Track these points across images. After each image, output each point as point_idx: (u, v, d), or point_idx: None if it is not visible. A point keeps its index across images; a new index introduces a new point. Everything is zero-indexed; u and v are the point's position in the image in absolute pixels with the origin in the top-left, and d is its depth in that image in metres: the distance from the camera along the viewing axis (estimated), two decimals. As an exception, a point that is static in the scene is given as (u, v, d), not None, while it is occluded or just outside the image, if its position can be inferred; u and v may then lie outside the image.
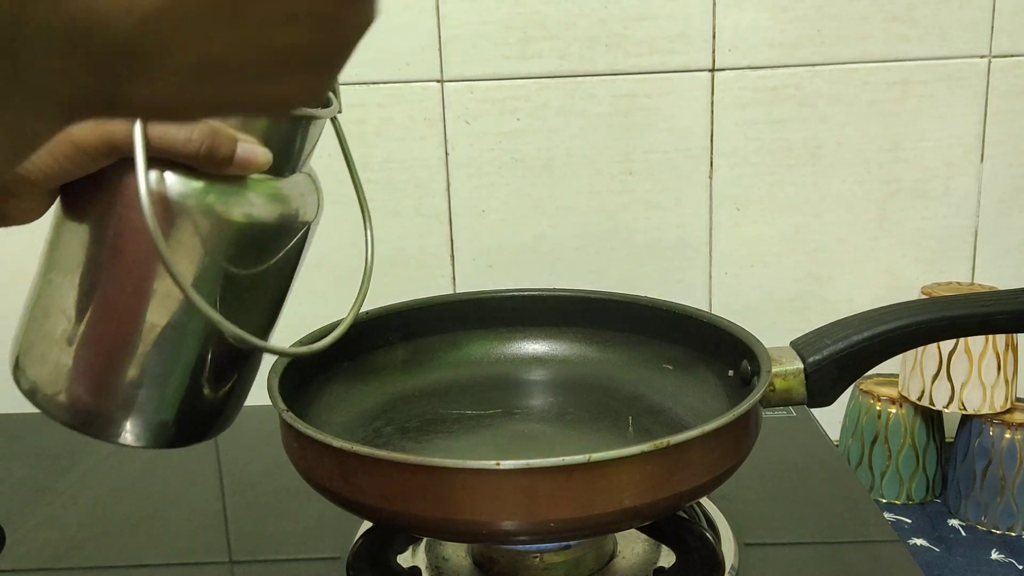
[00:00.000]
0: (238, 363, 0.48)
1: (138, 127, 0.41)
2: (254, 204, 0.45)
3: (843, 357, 0.53)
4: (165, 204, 0.43)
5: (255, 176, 0.45)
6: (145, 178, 0.41)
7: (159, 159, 0.43)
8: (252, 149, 0.46)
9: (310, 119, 0.48)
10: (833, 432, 0.80)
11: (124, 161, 0.42)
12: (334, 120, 0.52)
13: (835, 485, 0.66)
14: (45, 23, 0.21)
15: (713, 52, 0.85)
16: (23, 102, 0.22)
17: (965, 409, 0.77)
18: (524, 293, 0.67)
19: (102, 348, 0.43)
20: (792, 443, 0.72)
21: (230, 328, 0.42)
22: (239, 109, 0.26)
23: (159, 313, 0.44)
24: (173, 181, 0.43)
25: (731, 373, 0.57)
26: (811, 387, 0.53)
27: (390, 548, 0.56)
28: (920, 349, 0.78)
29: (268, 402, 0.50)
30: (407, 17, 0.85)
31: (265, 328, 0.49)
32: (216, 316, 0.42)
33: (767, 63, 0.85)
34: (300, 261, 0.49)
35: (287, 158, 0.47)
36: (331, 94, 0.52)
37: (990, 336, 0.76)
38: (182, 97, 0.24)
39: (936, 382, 0.77)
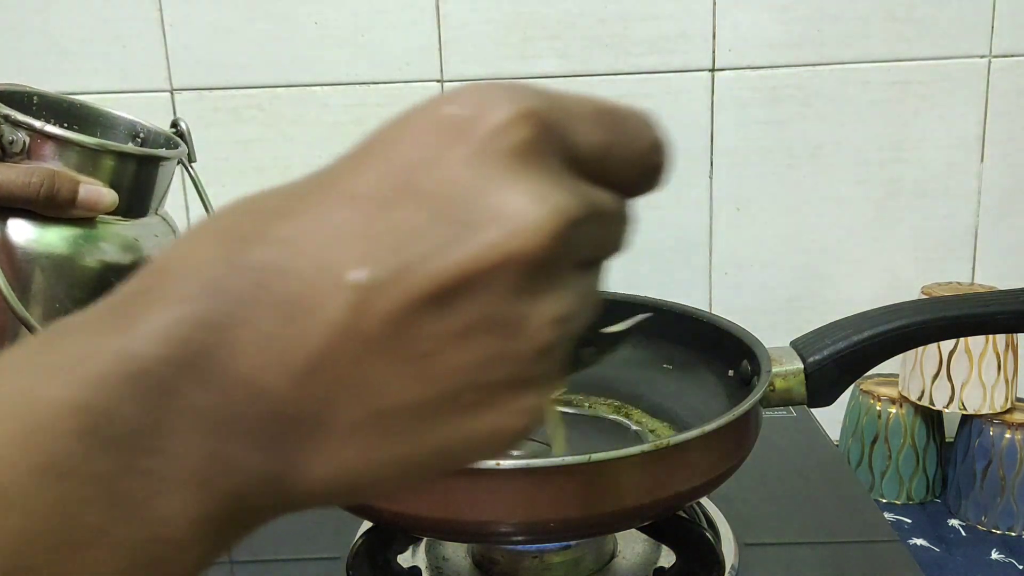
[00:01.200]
0: None
1: None
2: (104, 247, 0.45)
3: (843, 357, 0.53)
4: (10, 252, 0.43)
5: (105, 219, 0.46)
6: None
7: (4, 209, 0.43)
8: (96, 191, 0.46)
9: (158, 160, 0.49)
10: (833, 432, 0.80)
11: None
12: (184, 163, 0.53)
13: (835, 485, 0.66)
14: (192, 405, 0.19)
15: (713, 52, 0.84)
16: (157, 502, 0.19)
17: (965, 409, 0.77)
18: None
19: None
20: (792, 443, 0.72)
21: None
22: (449, 459, 0.22)
23: None
24: (18, 228, 0.44)
25: (731, 373, 0.57)
26: (811, 387, 0.53)
27: (390, 548, 0.56)
28: (920, 349, 0.78)
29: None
30: (407, 17, 0.85)
31: None
32: None
33: (767, 63, 0.85)
34: None
35: (139, 199, 0.47)
36: (178, 139, 0.53)
37: (990, 336, 0.75)
38: (370, 460, 0.21)
39: (936, 382, 0.77)
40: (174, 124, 0.57)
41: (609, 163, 0.23)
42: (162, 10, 0.86)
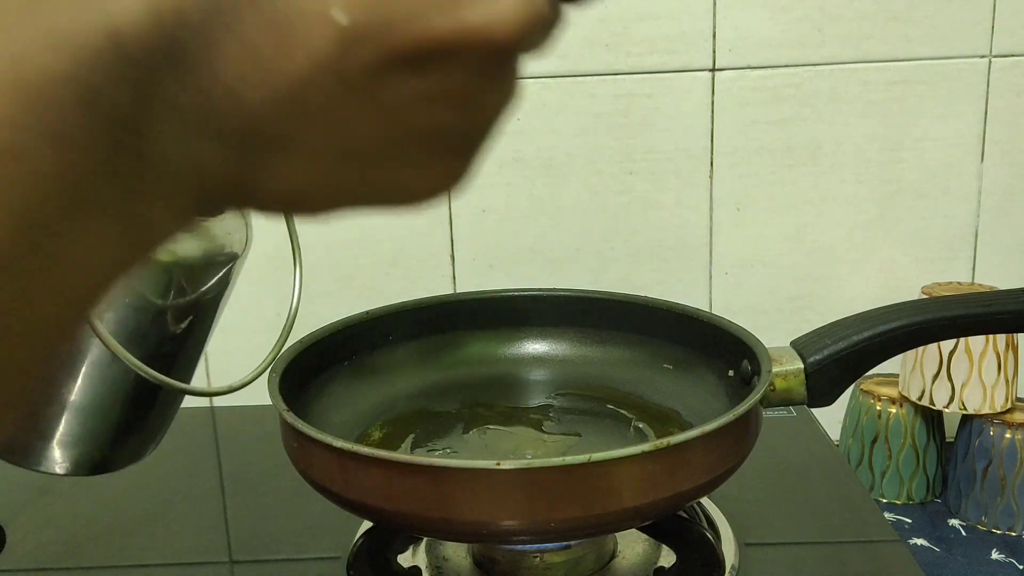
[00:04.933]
0: (157, 398, 0.49)
1: None
2: (176, 242, 0.46)
3: (843, 357, 0.53)
4: None
5: None
6: None
7: None
8: None
9: None
10: (833, 432, 0.80)
11: None
12: None
13: (835, 485, 0.66)
14: (174, 100, 0.20)
15: (713, 52, 0.84)
16: (150, 189, 0.20)
17: (965, 409, 0.77)
18: (524, 293, 0.67)
19: None
20: (792, 443, 0.72)
21: (145, 370, 0.43)
22: (381, 199, 0.25)
23: (77, 350, 0.45)
24: None
25: (731, 373, 0.57)
26: (811, 387, 0.53)
27: (390, 548, 0.56)
28: (920, 349, 0.78)
29: (268, 402, 0.50)
30: (407, 17, 0.85)
31: (189, 363, 0.50)
32: (134, 361, 0.42)
33: (767, 63, 0.85)
34: (225, 297, 0.50)
35: None
36: None
37: (990, 336, 0.75)
38: (319, 185, 0.23)
39: (936, 382, 0.77)
40: None
41: None
42: (162, 10, 0.86)
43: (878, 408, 0.80)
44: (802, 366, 0.53)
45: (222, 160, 0.21)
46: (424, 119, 0.23)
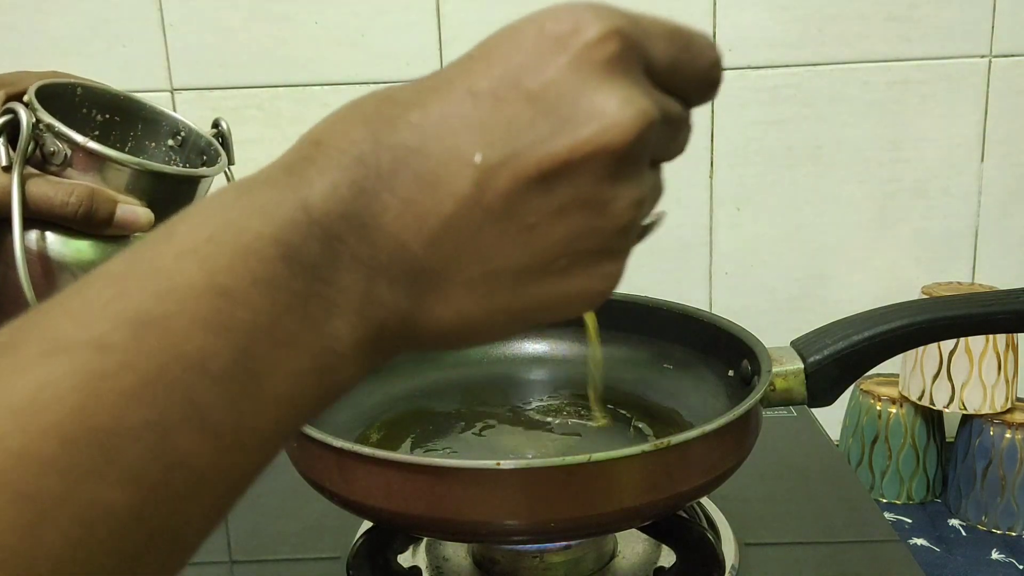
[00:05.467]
0: None
1: (15, 188, 0.42)
2: None
3: (843, 357, 0.53)
4: (45, 263, 0.43)
5: (141, 235, 0.46)
6: (21, 238, 0.41)
7: (41, 220, 0.43)
8: (132, 210, 0.47)
9: (198, 177, 0.49)
10: (833, 432, 0.80)
11: (4, 221, 0.43)
12: (225, 173, 0.53)
13: (835, 485, 0.66)
14: (354, 252, 0.24)
15: (713, 52, 0.84)
16: (336, 328, 0.24)
17: (965, 409, 0.77)
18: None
19: None
20: (792, 443, 0.72)
21: None
22: (544, 313, 0.27)
23: None
24: (54, 240, 0.44)
25: (731, 373, 0.57)
26: (811, 387, 0.53)
27: (390, 548, 0.56)
28: (920, 349, 0.78)
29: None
30: (407, 17, 0.85)
31: None
32: None
33: (767, 63, 0.85)
34: None
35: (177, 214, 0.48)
36: (219, 147, 0.53)
37: (990, 336, 0.75)
38: (478, 307, 0.26)
39: (936, 382, 0.77)
40: (215, 124, 0.56)
41: (678, 75, 0.28)
42: (162, 10, 0.86)
43: (878, 408, 0.80)
44: (802, 366, 0.53)
45: (394, 300, 0.25)
46: (564, 230, 0.25)
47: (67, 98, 0.51)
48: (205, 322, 0.21)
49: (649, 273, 0.89)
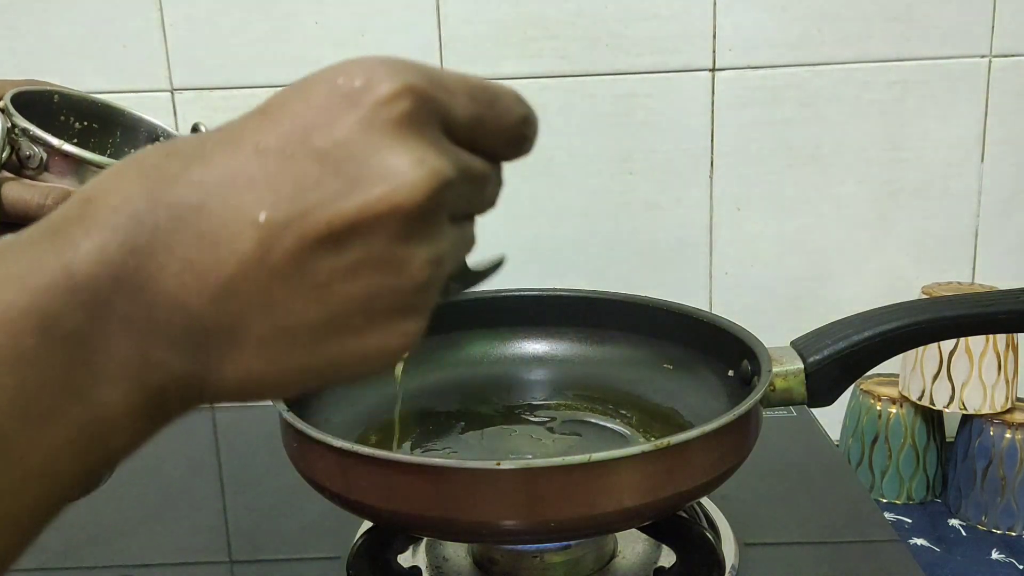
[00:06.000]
0: None
1: None
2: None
3: (843, 357, 0.53)
4: None
5: None
6: None
7: (18, 223, 0.43)
8: None
9: None
10: (833, 432, 0.80)
11: None
12: None
13: (835, 485, 0.66)
14: (125, 315, 0.23)
15: (713, 52, 0.84)
16: (106, 397, 0.23)
17: (965, 409, 0.77)
18: (524, 293, 0.67)
19: None
20: (792, 443, 0.72)
21: None
22: (341, 370, 0.26)
23: None
24: None
25: (731, 373, 0.57)
26: (811, 387, 0.53)
27: (390, 548, 0.56)
28: (920, 349, 0.78)
29: (268, 402, 0.50)
30: (407, 17, 0.85)
31: None
32: None
33: (767, 63, 0.85)
34: None
35: None
36: None
37: (990, 336, 0.75)
38: (272, 366, 0.25)
39: (936, 382, 0.77)
40: (195, 128, 0.56)
41: (481, 132, 0.28)
42: (162, 10, 0.86)
43: (878, 408, 0.80)
44: (802, 366, 0.53)
45: (176, 363, 0.23)
46: (357, 289, 0.25)
47: (44, 105, 0.51)
48: None
49: (649, 273, 0.89)
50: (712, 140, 0.86)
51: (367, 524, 0.58)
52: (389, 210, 0.24)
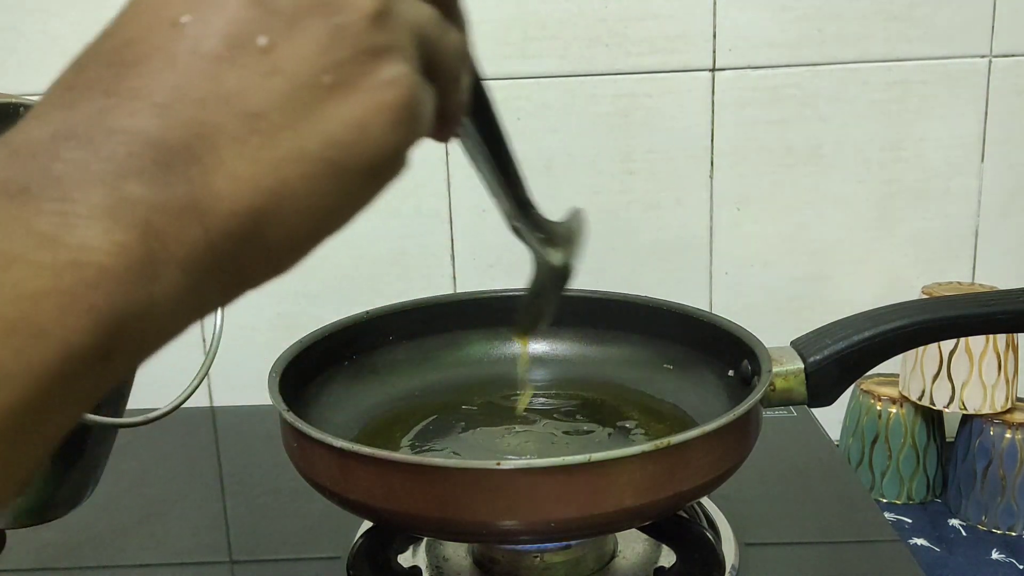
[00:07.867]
0: (88, 438, 0.49)
1: None
2: None
3: (844, 357, 0.53)
4: None
5: None
6: None
7: None
8: None
9: None
10: (833, 432, 0.80)
11: None
12: None
13: (835, 485, 0.66)
14: (78, 161, 0.21)
15: (713, 52, 0.84)
16: (78, 233, 0.21)
17: (966, 409, 0.77)
18: (524, 293, 0.67)
19: None
20: (792, 443, 0.72)
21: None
22: (346, 148, 0.24)
23: None
24: None
25: (731, 373, 0.57)
26: (812, 387, 0.53)
27: (390, 548, 0.56)
28: (920, 349, 0.78)
29: (268, 402, 0.50)
30: (407, 17, 0.85)
31: (118, 396, 0.50)
32: None
33: (767, 63, 0.85)
34: None
35: None
36: None
37: (990, 336, 0.75)
38: (265, 165, 0.23)
39: (937, 382, 0.77)
40: None
41: None
42: (162, 10, 0.86)
43: (878, 408, 0.80)
44: (802, 366, 0.53)
45: (149, 190, 0.21)
46: (304, 42, 0.23)
47: (10, 117, 0.51)
48: None
49: (649, 273, 0.89)
50: (712, 140, 0.86)
51: (367, 524, 0.58)
52: None
